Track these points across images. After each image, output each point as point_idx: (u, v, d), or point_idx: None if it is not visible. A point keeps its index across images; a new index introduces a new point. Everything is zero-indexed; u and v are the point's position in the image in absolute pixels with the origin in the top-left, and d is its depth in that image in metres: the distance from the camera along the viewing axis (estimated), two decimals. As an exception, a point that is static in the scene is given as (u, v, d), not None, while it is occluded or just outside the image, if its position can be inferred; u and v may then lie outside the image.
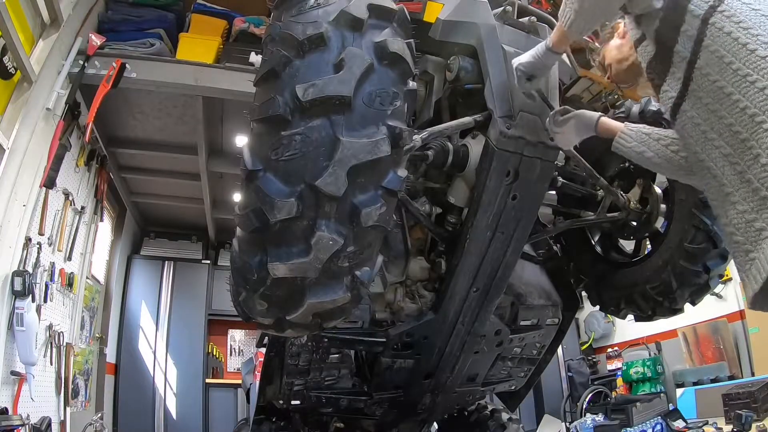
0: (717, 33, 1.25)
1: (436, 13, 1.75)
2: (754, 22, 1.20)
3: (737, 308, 5.19)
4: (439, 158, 1.76)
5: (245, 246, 1.36)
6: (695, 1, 1.29)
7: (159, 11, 4.79)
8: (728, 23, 1.23)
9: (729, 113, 1.21)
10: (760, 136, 1.14)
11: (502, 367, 2.57)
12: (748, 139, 1.17)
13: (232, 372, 7.28)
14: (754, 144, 1.15)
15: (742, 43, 1.20)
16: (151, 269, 6.89)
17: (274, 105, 1.26)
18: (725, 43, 1.23)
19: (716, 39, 1.25)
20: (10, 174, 3.39)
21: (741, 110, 1.19)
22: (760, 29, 1.19)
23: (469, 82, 1.75)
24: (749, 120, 1.17)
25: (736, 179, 1.21)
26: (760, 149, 1.14)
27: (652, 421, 4.32)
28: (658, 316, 2.25)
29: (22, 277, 3.35)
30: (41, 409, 3.73)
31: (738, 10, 1.23)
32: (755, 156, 1.15)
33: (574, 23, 1.43)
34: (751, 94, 1.17)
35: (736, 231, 1.22)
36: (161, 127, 5.11)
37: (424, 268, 2.06)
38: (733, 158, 1.21)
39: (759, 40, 1.18)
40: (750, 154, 1.16)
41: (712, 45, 1.26)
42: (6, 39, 3.20)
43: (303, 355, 2.14)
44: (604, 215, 2.23)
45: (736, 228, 1.21)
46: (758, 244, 1.16)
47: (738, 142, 1.20)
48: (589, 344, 7.27)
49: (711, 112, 1.27)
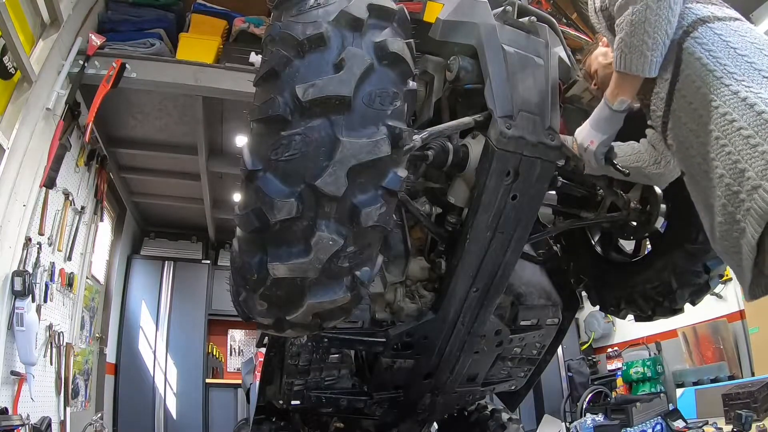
0: (689, 58, 1.34)
1: (436, 13, 1.75)
2: (723, 53, 1.29)
3: (737, 308, 5.19)
4: (439, 158, 1.76)
5: (245, 246, 1.36)
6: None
7: (159, 11, 4.79)
8: (699, 49, 1.33)
9: (704, 135, 1.31)
10: (723, 159, 1.25)
11: (502, 367, 2.57)
12: (714, 159, 1.28)
13: (232, 372, 7.29)
14: (719, 164, 1.27)
15: (709, 70, 1.30)
16: (151, 269, 6.89)
17: (274, 105, 1.26)
18: (696, 68, 1.33)
19: (689, 64, 1.34)
20: (10, 174, 3.39)
21: (708, 132, 1.29)
22: (728, 60, 1.28)
23: (469, 82, 1.75)
24: (715, 142, 1.27)
25: (711, 192, 1.31)
26: (723, 170, 1.26)
27: (652, 421, 4.32)
28: (658, 316, 2.25)
29: (22, 277, 3.35)
30: (41, 409, 3.73)
31: (710, 39, 1.33)
32: (720, 175, 1.27)
33: (626, 59, 1.40)
34: (715, 119, 1.27)
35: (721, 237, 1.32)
36: (161, 127, 5.12)
37: (424, 268, 2.06)
38: (710, 174, 1.31)
39: (726, 70, 1.27)
40: (716, 172, 1.28)
41: (686, 69, 1.35)
42: (6, 39, 3.20)
43: (303, 355, 2.14)
44: (604, 215, 2.23)
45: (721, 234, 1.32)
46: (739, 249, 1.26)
47: (710, 160, 1.30)
48: (589, 344, 7.27)
49: (691, 132, 1.36)
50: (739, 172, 1.22)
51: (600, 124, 1.59)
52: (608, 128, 1.58)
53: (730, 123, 1.23)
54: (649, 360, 5.92)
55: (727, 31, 1.34)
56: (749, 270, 1.25)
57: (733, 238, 1.27)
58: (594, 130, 1.61)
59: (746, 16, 4.77)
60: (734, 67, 1.27)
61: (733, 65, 1.27)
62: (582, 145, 1.65)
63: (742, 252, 1.25)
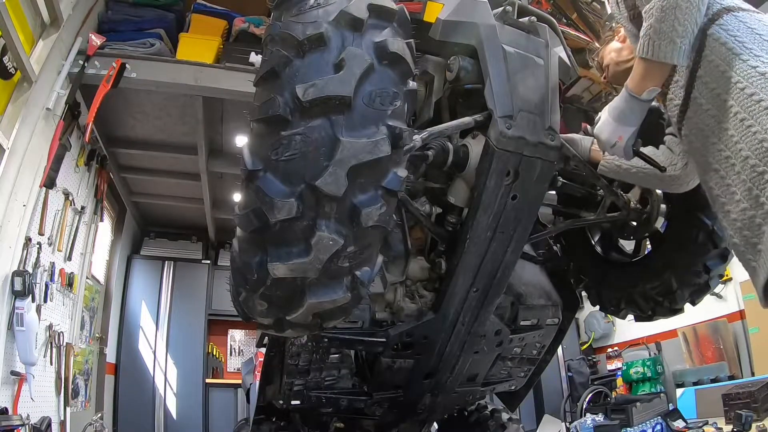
0: (714, 44, 1.34)
1: (436, 13, 1.74)
2: (748, 38, 1.29)
3: (737, 308, 5.19)
4: (439, 158, 1.76)
5: (245, 246, 1.36)
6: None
7: (159, 11, 4.79)
8: (724, 35, 1.32)
9: (726, 119, 1.29)
10: (749, 140, 1.23)
11: (502, 367, 2.57)
12: (739, 141, 1.26)
13: (232, 372, 7.30)
14: (743, 146, 1.24)
15: (736, 54, 1.29)
16: (151, 269, 6.89)
17: (274, 105, 1.26)
18: (721, 53, 1.32)
19: (714, 49, 1.34)
20: (10, 174, 3.39)
21: (734, 115, 1.27)
22: (754, 44, 1.28)
23: (469, 82, 1.75)
24: (740, 124, 1.25)
25: (736, 179, 1.28)
26: (749, 151, 1.23)
27: (652, 421, 4.33)
28: (658, 316, 2.25)
29: (22, 277, 3.35)
30: (41, 409, 3.73)
31: (734, 26, 1.33)
32: (745, 158, 1.24)
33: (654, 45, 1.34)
34: (741, 99, 1.25)
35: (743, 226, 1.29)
36: (161, 127, 5.12)
37: (424, 268, 2.06)
38: (732, 160, 1.29)
39: (752, 53, 1.27)
40: (741, 155, 1.25)
41: (710, 55, 1.34)
42: (6, 39, 3.20)
43: (303, 355, 2.14)
44: (604, 215, 2.22)
45: (743, 223, 1.29)
46: (761, 237, 1.23)
47: (733, 144, 1.28)
48: (589, 344, 7.28)
49: (712, 117, 1.34)
50: (765, 150, 1.18)
51: (626, 117, 1.50)
52: (635, 120, 1.49)
53: (758, 102, 1.21)
54: (649, 360, 5.92)
55: (752, 20, 1.34)
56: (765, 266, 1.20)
57: (755, 226, 1.22)
58: (620, 124, 1.52)
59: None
60: (760, 51, 1.26)
61: (759, 49, 1.26)
62: (609, 142, 1.56)
63: (763, 241, 1.20)
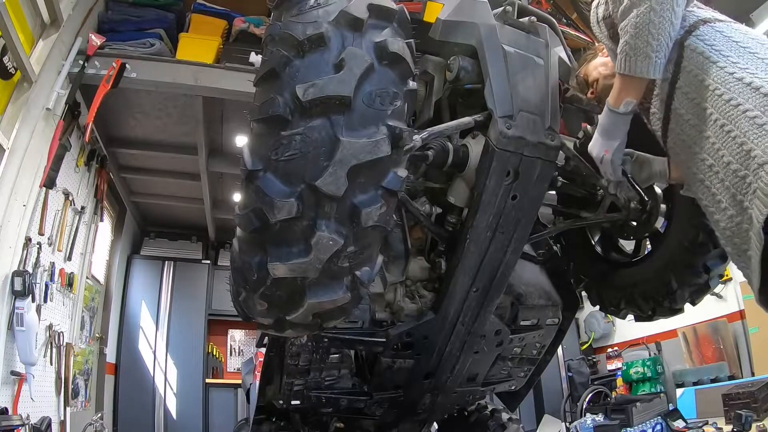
0: (691, 54, 1.36)
1: (436, 13, 1.75)
2: (725, 46, 1.32)
3: (737, 308, 5.19)
4: (439, 158, 1.76)
5: (245, 246, 1.36)
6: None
7: (159, 11, 4.79)
8: (701, 44, 1.35)
9: (706, 127, 1.30)
10: (730, 145, 1.24)
11: (502, 367, 2.57)
12: (720, 148, 1.27)
13: (232, 372, 7.29)
14: (725, 153, 1.25)
15: (713, 61, 1.31)
16: (151, 269, 6.89)
17: (274, 105, 1.26)
18: (698, 62, 1.34)
19: (691, 59, 1.36)
20: (10, 174, 3.39)
21: (714, 122, 1.29)
22: (731, 52, 1.30)
23: (469, 82, 1.75)
24: (720, 130, 1.26)
25: (720, 186, 1.30)
26: (731, 156, 1.24)
27: (652, 421, 4.32)
28: (658, 316, 2.24)
29: (22, 277, 3.35)
30: (41, 409, 3.73)
31: (711, 36, 1.35)
32: (727, 163, 1.25)
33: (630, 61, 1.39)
34: (719, 106, 1.27)
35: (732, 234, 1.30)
36: (161, 127, 5.12)
37: (424, 268, 2.06)
38: (716, 168, 1.30)
39: (729, 60, 1.29)
40: (723, 161, 1.26)
41: (689, 66, 1.36)
42: (6, 39, 3.21)
43: (303, 355, 2.14)
44: (604, 215, 2.23)
45: (732, 231, 1.30)
46: (749, 243, 1.23)
47: (715, 151, 1.29)
48: (589, 344, 7.27)
49: (693, 127, 1.36)
50: (745, 154, 1.19)
51: (609, 132, 1.58)
52: (618, 134, 1.57)
53: (735, 107, 1.22)
54: (649, 360, 5.92)
55: (729, 29, 1.36)
56: (757, 269, 1.20)
57: (743, 232, 1.23)
58: (606, 139, 1.60)
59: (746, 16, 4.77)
60: (737, 58, 1.28)
61: (736, 56, 1.28)
62: (597, 157, 1.65)
63: (751, 246, 1.21)
